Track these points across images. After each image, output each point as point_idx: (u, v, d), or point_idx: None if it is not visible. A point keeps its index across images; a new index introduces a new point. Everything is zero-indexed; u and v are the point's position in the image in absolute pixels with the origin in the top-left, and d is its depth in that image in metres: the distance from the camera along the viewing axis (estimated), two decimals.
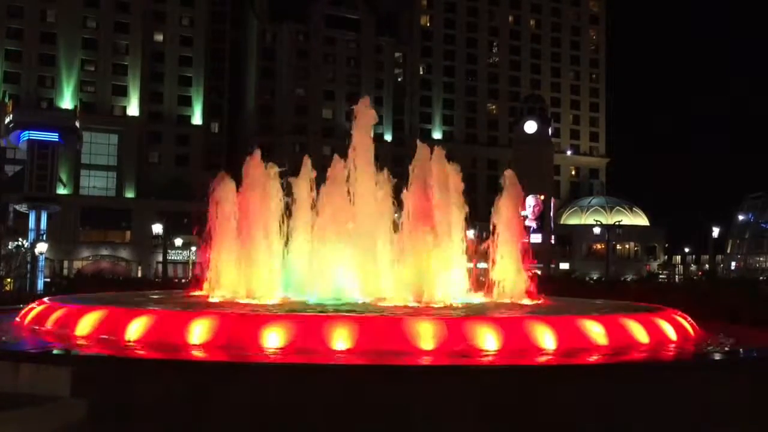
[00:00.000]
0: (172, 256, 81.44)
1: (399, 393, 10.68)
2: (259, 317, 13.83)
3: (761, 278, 58.50)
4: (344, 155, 21.19)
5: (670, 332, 15.08)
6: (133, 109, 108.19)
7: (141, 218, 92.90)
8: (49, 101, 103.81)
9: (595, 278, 54.54)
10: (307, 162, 21.44)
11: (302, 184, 21.24)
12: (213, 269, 20.64)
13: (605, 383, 11.51)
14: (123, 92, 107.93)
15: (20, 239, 70.39)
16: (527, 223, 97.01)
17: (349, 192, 20.55)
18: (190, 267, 77.34)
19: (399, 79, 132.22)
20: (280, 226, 20.41)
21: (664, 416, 11.33)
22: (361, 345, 12.43)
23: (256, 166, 20.47)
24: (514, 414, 10.82)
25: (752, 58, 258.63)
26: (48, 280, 61.82)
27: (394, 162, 19.44)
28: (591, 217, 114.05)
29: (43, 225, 74.33)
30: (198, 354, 12.45)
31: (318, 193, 20.76)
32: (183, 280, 47.36)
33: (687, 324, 16.25)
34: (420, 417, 10.63)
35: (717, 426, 11.63)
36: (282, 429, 10.63)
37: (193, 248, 78.72)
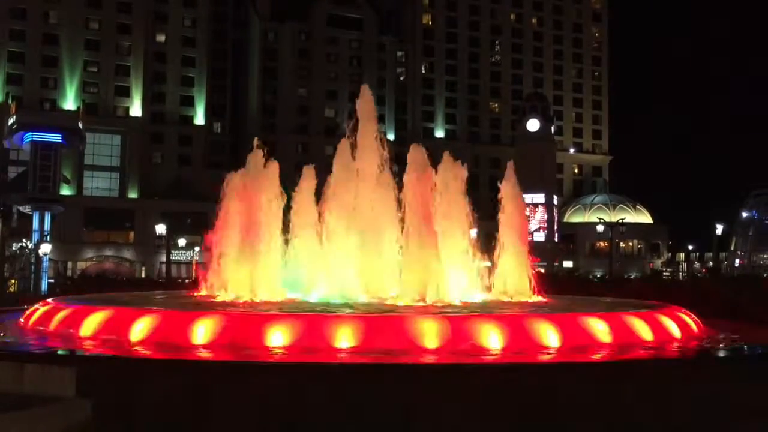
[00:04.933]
0: (176, 256, 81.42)
1: (401, 391, 10.68)
2: (262, 316, 13.84)
3: (765, 275, 58.36)
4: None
5: (674, 330, 15.07)
6: (135, 109, 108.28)
7: (144, 219, 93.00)
8: (51, 102, 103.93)
9: (598, 276, 54.46)
10: (310, 170, 21.55)
11: (305, 187, 21.31)
12: (217, 269, 20.67)
13: (608, 381, 11.50)
14: (125, 93, 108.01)
15: (24, 240, 70.61)
16: (531, 227, 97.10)
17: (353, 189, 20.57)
18: (194, 267, 77.41)
19: (401, 78, 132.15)
20: (284, 225, 20.45)
21: (667, 414, 11.31)
22: (365, 344, 12.45)
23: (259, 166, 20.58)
24: (516, 412, 10.81)
25: (754, 56, 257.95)
26: (52, 280, 62.05)
27: (397, 161, 19.41)
28: (594, 215, 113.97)
29: (47, 226, 74.57)
30: (202, 354, 12.47)
31: (321, 192, 20.80)
32: (187, 280, 47.39)
33: (691, 321, 16.23)
34: (422, 415, 10.63)
35: (720, 423, 11.61)
36: (285, 429, 10.64)
37: (197, 248, 78.80)
